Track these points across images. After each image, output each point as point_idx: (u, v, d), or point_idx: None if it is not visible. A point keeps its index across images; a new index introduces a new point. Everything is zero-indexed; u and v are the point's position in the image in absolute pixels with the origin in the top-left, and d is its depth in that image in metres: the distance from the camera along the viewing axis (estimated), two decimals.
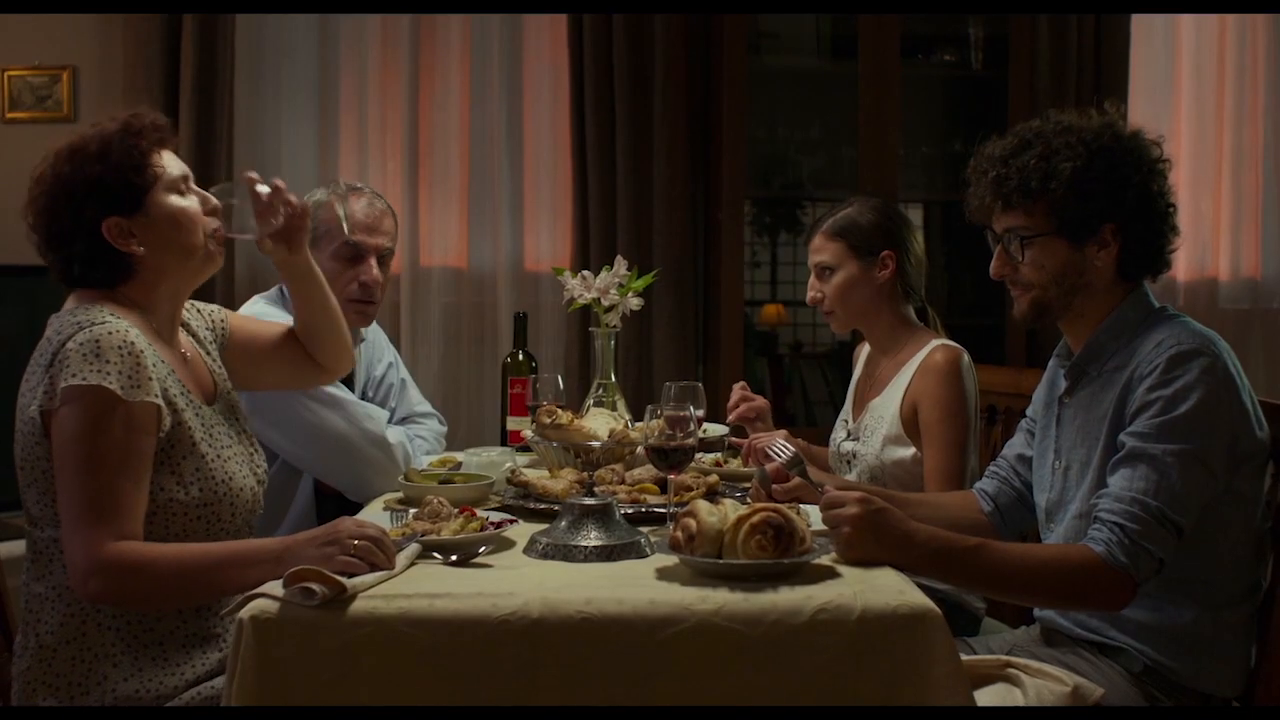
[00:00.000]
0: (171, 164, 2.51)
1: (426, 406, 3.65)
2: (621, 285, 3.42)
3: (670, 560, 2.30)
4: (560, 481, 2.87)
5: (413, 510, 2.64)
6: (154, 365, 2.39)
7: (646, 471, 2.99)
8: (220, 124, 5.09)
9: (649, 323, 5.14)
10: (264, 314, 3.20)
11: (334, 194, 3.27)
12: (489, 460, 3.05)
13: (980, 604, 3.41)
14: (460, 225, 5.33)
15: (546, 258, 5.34)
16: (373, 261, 3.35)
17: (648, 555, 2.41)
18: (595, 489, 2.54)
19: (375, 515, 2.66)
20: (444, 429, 3.64)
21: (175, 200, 2.49)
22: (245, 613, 2.09)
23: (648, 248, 5.16)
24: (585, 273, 3.41)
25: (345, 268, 3.30)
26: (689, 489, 2.87)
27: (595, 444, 3.10)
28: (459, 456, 3.38)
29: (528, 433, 3.20)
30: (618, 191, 5.19)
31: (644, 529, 2.58)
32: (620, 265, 3.40)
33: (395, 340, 5.08)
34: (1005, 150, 2.68)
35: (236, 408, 2.66)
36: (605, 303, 3.41)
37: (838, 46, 5.32)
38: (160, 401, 2.39)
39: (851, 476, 3.40)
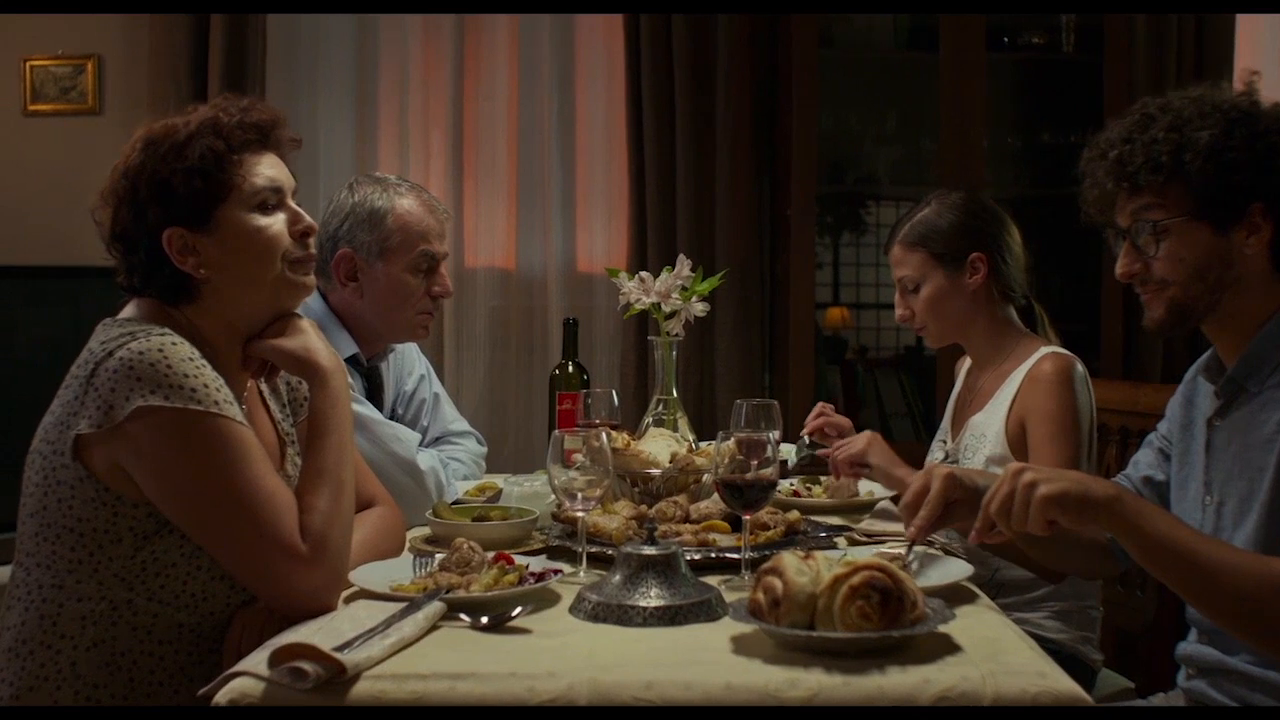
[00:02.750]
0: (262, 174, 2.10)
1: (463, 425, 3.21)
2: (684, 288, 2.97)
3: (749, 628, 1.84)
4: (614, 518, 2.41)
5: (439, 556, 2.19)
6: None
7: (714, 504, 2.55)
8: None
9: (711, 329, 4.70)
10: None
11: (396, 193, 2.91)
12: (532, 491, 2.61)
13: (1098, 655, 2.95)
14: (508, 224, 4.98)
15: (600, 259, 4.96)
16: (444, 269, 2.95)
17: (720, 617, 1.95)
18: (655, 530, 2.08)
19: (397, 562, 2.22)
20: (483, 450, 3.20)
21: (252, 219, 2.08)
22: (223, 696, 1.69)
23: (710, 248, 4.74)
24: (643, 274, 2.96)
25: (420, 280, 2.91)
26: (765, 527, 2.41)
27: (655, 472, 2.65)
28: (499, 483, 2.94)
29: (578, 457, 2.74)
30: (677, 187, 4.79)
31: (714, 579, 2.14)
32: (683, 265, 2.95)
33: (438, 347, 4.73)
34: (1127, 128, 2.20)
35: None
36: (666, 308, 2.95)
37: (915, 30, 4.87)
38: (249, 425, 2.01)
39: None
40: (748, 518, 2.22)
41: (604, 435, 2.26)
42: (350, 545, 2.04)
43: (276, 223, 2.10)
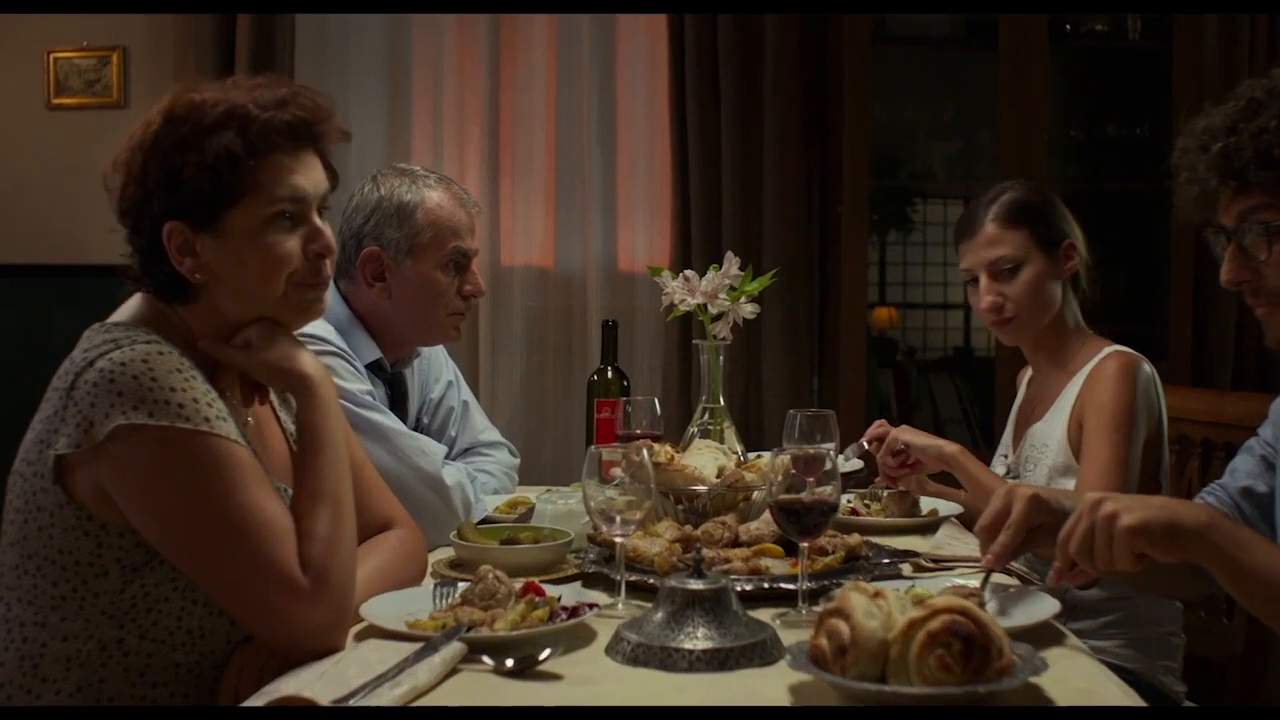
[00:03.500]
0: (286, 180, 1.84)
1: (494, 434, 2.98)
2: (732, 288, 2.73)
3: (809, 676, 1.60)
4: (656, 542, 2.18)
5: (462, 585, 1.97)
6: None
7: (765, 524, 2.32)
8: None
9: (757, 331, 4.47)
10: None
11: (425, 186, 2.69)
12: (566, 510, 2.38)
13: (1180, 686, 2.70)
14: (546, 220, 4.75)
15: (642, 257, 4.73)
16: (476, 267, 2.75)
17: (776, 660, 1.72)
18: (702, 558, 1.85)
19: (416, 592, 1.99)
20: (516, 461, 2.98)
21: (263, 231, 1.84)
22: None
23: (757, 246, 4.51)
24: (688, 273, 2.73)
25: (452, 278, 2.70)
26: (823, 552, 2.18)
27: (701, 489, 2.42)
28: (533, 497, 2.72)
29: (617, 472, 2.51)
30: (723, 182, 4.55)
31: (767, 613, 1.92)
32: (731, 264, 2.72)
33: (472, 349, 4.53)
34: (1230, 116, 1.91)
35: None
36: (713, 309, 2.72)
37: (972, 16, 4.60)
38: (245, 443, 1.79)
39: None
40: (805, 545, 1.98)
41: (645, 451, 2.02)
42: (355, 575, 1.82)
43: (290, 240, 1.87)
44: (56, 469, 1.75)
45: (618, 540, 2.00)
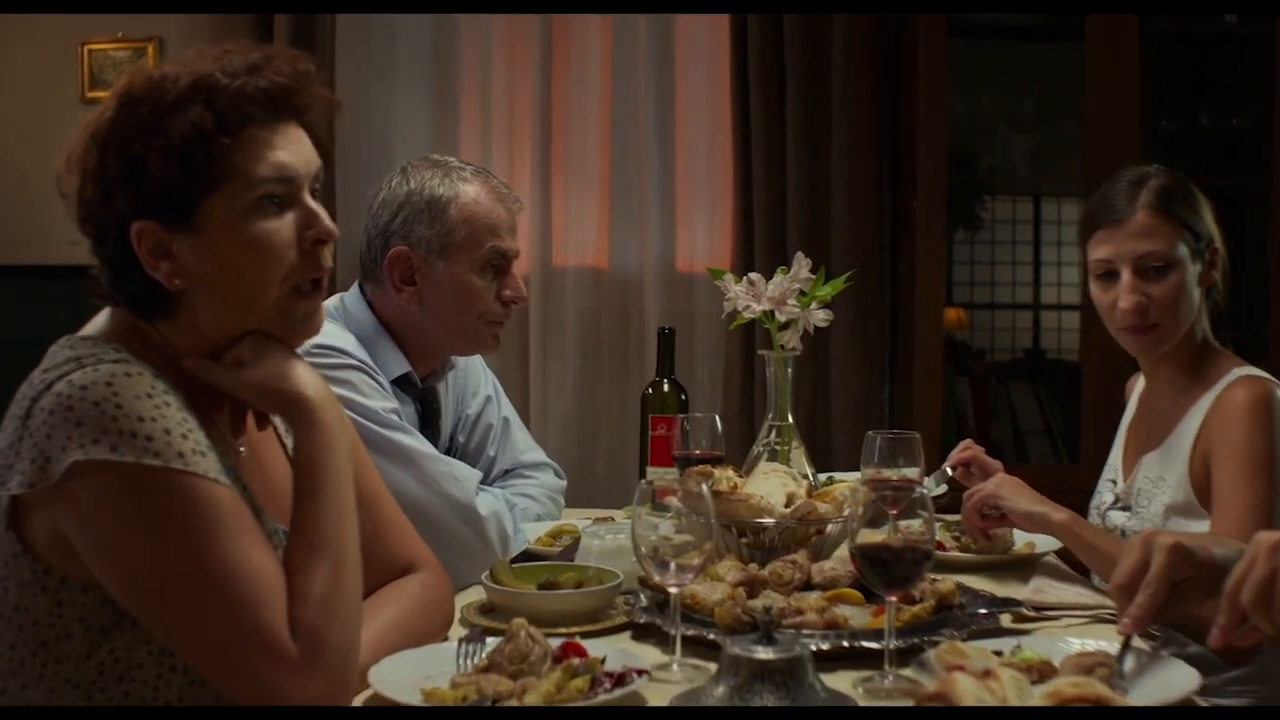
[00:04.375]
0: (269, 157, 1.55)
1: (538, 454, 2.69)
2: (802, 293, 2.42)
3: None
4: (717, 587, 1.88)
5: (491, 640, 1.67)
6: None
7: (841, 563, 2.02)
8: None
9: (824, 335, 4.13)
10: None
11: (460, 179, 2.41)
12: (616, 546, 2.08)
13: None
14: (600, 219, 4.47)
15: (702, 257, 4.44)
16: (515, 269, 2.47)
17: None
18: (772, 620, 1.54)
19: (435, 651, 1.70)
20: (562, 484, 2.68)
21: (248, 220, 1.55)
22: None
23: (824, 245, 4.19)
24: (753, 276, 2.42)
25: (489, 282, 2.41)
26: (910, 600, 1.87)
27: (768, 522, 2.11)
28: (580, 525, 2.43)
29: (673, 501, 2.21)
30: (788, 177, 4.24)
31: (847, 677, 1.63)
32: (801, 266, 2.41)
33: (522, 354, 4.26)
34: None
35: None
36: (780, 317, 2.42)
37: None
38: (228, 482, 1.50)
39: None
40: (894, 600, 1.67)
41: (705, 485, 1.72)
42: (357, 641, 1.52)
43: (282, 227, 1.57)
44: (10, 511, 1.47)
45: (673, 590, 1.70)
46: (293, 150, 1.58)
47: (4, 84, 4.61)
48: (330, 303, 2.43)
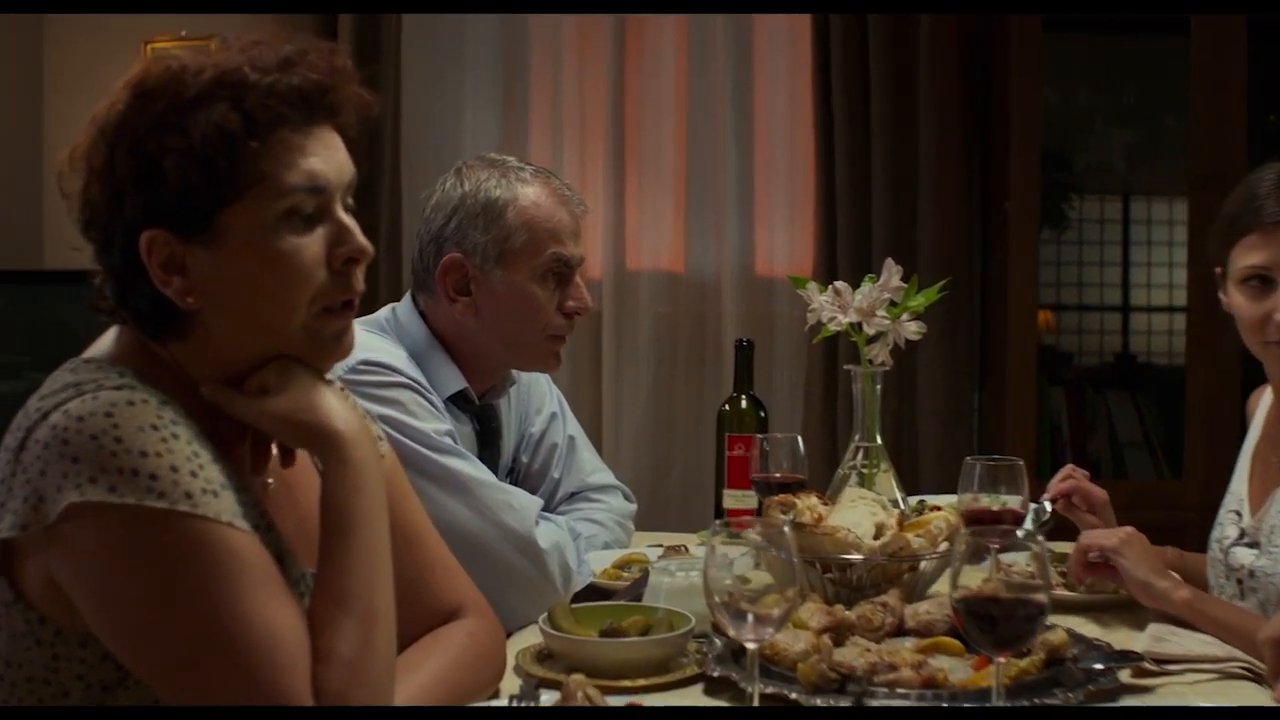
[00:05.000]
0: (299, 164, 1.37)
1: (606, 476, 2.49)
2: (893, 304, 2.21)
3: None
4: (800, 636, 1.68)
5: (547, 695, 1.48)
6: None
7: (938, 607, 1.81)
8: (384, 95, 3.94)
9: (910, 341, 3.89)
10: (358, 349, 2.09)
11: (518, 180, 2.22)
12: (688, 585, 1.87)
13: None
14: (676, 221, 4.28)
15: (782, 260, 4.23)
16: (579, 277, 2.27)
17: None
18: (864, 689, 1.34)
19: (485, 708, 1.51)
20: (631, 508, 2.48)
21: (273, 234, 1.36)
22: None
23: (910, 248, 3.97)
24: (839, 285, 2.21)
25: (551, 292, 2.21)
26: (1018, 652, 1.64)
27: (856, 558, 1.90)
28: (649, 555, 2.23)
29: (752, 534, 2.01)
30: (873, 177, 4.02)
31: None
32: (892, 274, 2.21)
33: (596, 360, 4.08)
34: None
35: None
36: (869, 329, 2.21)
37: None
38: (246, 526, 1.31)
39: (1249, 605, 2.11)
40: (1001, 661, 1.45)
41: (787, 528, 1.51)
42: (390, 704, 1.33)
43: (310, 243, 1.38)
44: (3, 556, 1.30)
45: (750, 646, 1.49)
46: (326, 157, 1.39)
47: (69, 83, 4.51)
48: (380, 314, 2.25)
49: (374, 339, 2.13)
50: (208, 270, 1.35)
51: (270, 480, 1.46)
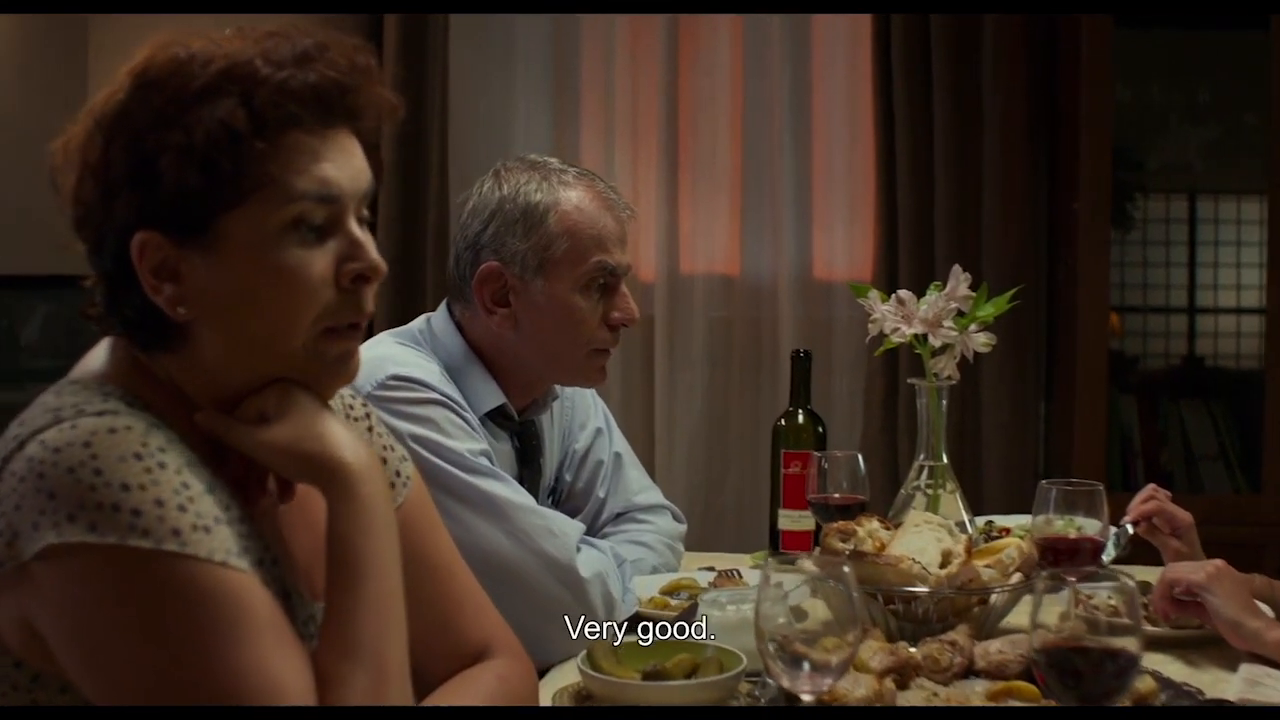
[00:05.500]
0: (311, 170, 1.24)
1: (654, 495, 2.34)
2: (960, 313, 2.06)
3: None
4: (860, 680, 1.53)
5: None
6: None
7: (1011, 646, 1.66)
8: (431, 95, 3.94)
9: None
10: (388, 363, 1.96)
11: (560, 183, 2.08)
12: (739, 619, 1.72)
13: None
14: (731, 222, 4.11)
15: (841, 263, 4.07)
16: (624, 287, 2.13)
17: None
18: None
19: None
20: (681, 529, 2.33)
21: (277, 246, 1.23)
22: None
23: (974, 251, 3.80)
24: (903, 294, 2.06)
25: (595, 303, 2.07)
26: None
27: (922, 590, 1.76)
28: (700, 579, 2.09)
29: (808, 564, 1.86)
30: (935, 176, 3.85)
31: None
32: (959, 281, 2.05)
33: (648, 366, 3.94)
34: None
35: None
36: (934, 341, 2.06)
37: None
38: (244, 565, 1.18)
39: None
40: None
41: (847, 569, 1.37)
42: None
43: (317, 257, 1.25)
44: None
45: (806, 698, 1.34)
46: (340, 163, 1.26)
47: None
48: (414, 325, 2.12)
49: (406, 352, 2.01)
50: (203, 279, 1.23)
51: (281, 504, 1.33)
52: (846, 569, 1.37)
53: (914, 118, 3.84)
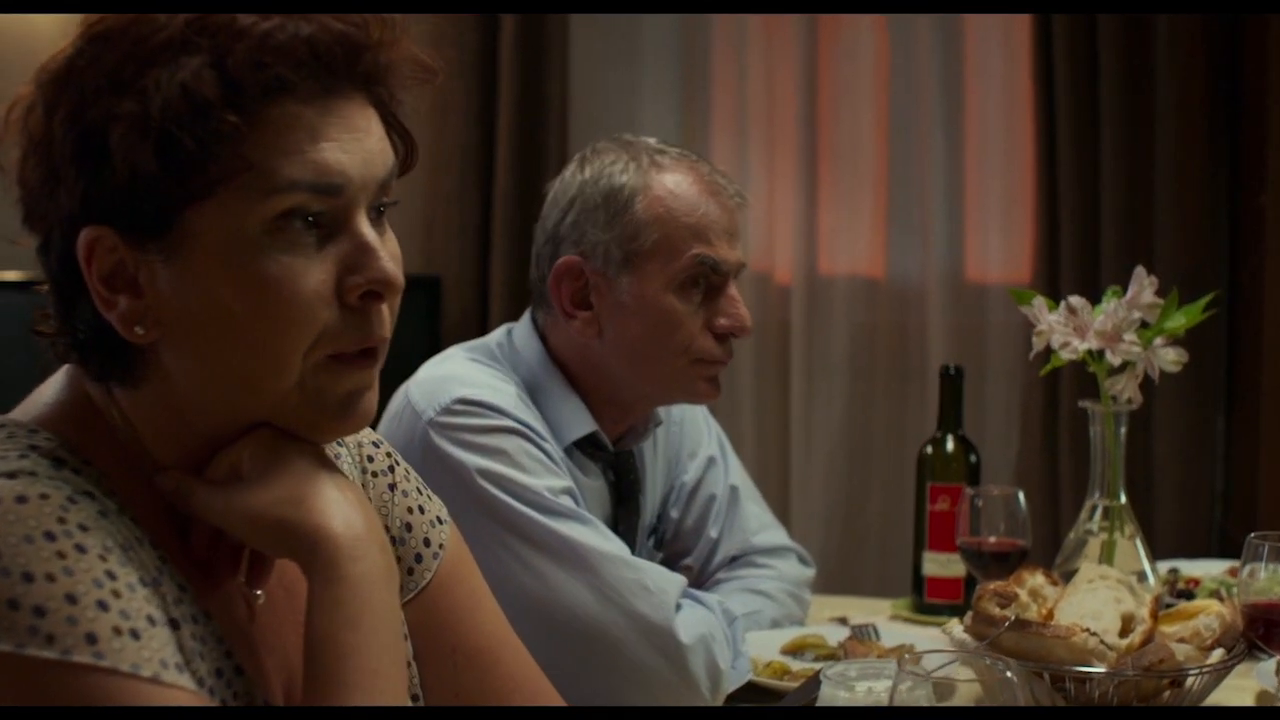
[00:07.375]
0: (307, 153, 0.94)
1: (776, 535, 1.99)
2: (1144, 324, 1.69)
3: None
4: None
5: None
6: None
7: None
8: (551, 90, 3.71)
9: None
10: (454, 383, 1.65)
11: (652, 165, 1.76)
12: (873, 701, 1.38)
13: None
14: (876, 221, 3.82)
15: (996, 265, 3.75)
16: (735, 289, 1.77)
17: None
18: None
19: None
20: (808, 573, 1.98)
21: (260, 244, 0.93)
22: None
23: (1145, 251, 3.42)
24: (1074, 302, 1.70)
25: (696, 306, 1.74)
26: None
27: (1098, 670, 1.39)
28: (829, 639, 1.76)
29: (956, 629, 1.51)
30: (1101, 169, 3.50)
31: None
32: (1144, 286, 1.68)
33: (784, 376, 3.66)
34: None
35: None
36: (1113, 358, 1.69)
37: None
38: (184, 681, 0.88)
39: None
40: None
41: (1008, 670, 1.02)
42: None
43: (313, 266, 0.94)
44: None
45: None
46: (347, 143, 0.95)
47: None
48: (492, 337, 1.81)
49: (477, 370, 1.69)
50: (165, 290, 0.93)
51: (260, 593, 1.02)
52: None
53: (1078, 105, 3.51)
